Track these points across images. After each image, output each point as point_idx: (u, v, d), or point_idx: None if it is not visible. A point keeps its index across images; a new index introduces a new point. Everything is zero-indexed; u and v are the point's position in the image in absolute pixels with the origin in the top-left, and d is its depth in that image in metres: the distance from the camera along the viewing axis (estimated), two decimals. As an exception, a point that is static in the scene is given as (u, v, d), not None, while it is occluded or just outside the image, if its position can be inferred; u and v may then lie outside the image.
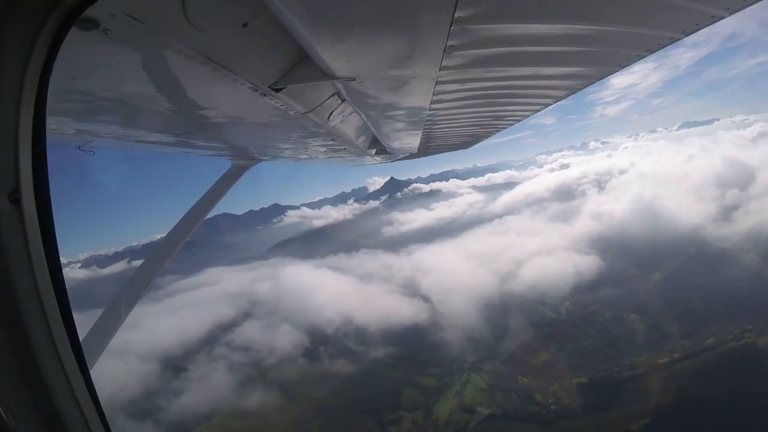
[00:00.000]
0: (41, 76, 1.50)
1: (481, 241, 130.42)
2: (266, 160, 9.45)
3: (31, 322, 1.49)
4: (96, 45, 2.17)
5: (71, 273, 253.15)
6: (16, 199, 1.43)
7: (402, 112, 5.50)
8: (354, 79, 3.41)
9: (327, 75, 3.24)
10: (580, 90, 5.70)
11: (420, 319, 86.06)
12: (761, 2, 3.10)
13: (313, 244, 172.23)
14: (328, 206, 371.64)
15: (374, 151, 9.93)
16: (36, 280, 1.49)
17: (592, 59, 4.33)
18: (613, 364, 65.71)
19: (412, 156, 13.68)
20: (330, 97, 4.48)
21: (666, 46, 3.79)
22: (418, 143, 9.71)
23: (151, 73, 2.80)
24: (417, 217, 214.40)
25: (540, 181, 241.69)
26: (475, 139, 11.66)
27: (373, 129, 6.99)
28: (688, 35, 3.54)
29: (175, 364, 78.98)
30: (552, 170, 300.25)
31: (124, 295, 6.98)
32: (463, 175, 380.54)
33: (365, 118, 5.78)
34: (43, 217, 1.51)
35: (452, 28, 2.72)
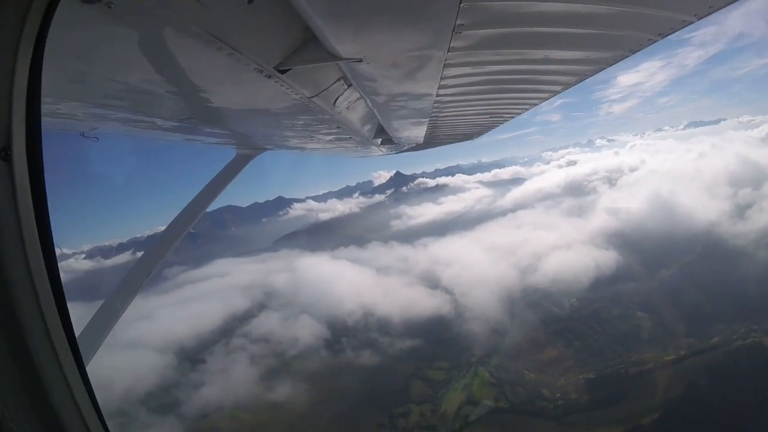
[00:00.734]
0: (39, 32, 1.45)
1: (497, 235, 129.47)
2: (271, 149, 9.36)
3: (17, 290, 1.43)
4: (98, 19, 2.12)
5: (75, 264, 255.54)
6: (6, 156, 1.39)
7: (409, 98, 5.43)
8: (360, 61, 3.35)
9: (333, 56, 3.18)
10: (590, 76, 5.61)
11: (441, 312, 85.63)
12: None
13: (322, 236, 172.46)
14: (333, 199, 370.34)
15: (380, 140, 9.85)
16: (24, 243, 1.43)
17: (604, 42, 4.23)
18: (619, 360, 65.59)
19: (417, 147, 13.54)
20: (336, 82, 4.43)
21: (678, 30, 3.70)
22: (425, 133, 9.62)
23: (155, 51, 2.75)
24: (425, 211, 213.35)
25: (549, 177, 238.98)
26: (483, 129, 11.51)
27: (379, 116, 6.93)
28: (701, 18, 3.43)
29: (192, 356, 79.34)
30: (560, 167, 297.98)
31: (123, 286, 7.00)
32: (468, 171, 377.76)
33: (371, 105, 5.72)
34: (34, 178, 1.46)
35: (462, 6, 2.66)
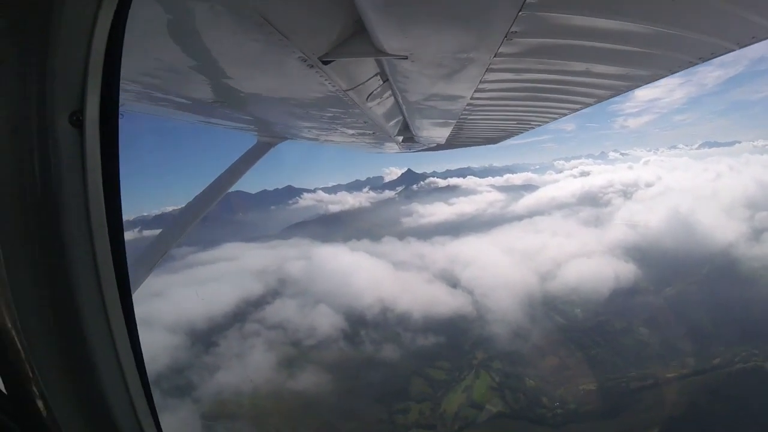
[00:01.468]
0: None
1: (515, 239, 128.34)
2: (289, 138, 9.38)
3: (77, 268, 1.31)
4: None
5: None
6: (78, 121, 1.27)
7: (442, 99, 5.37)
8: (406, 58, 3.30)
9: (379, 51, 3.14)
10: (625, 92, 5.55)
11: (462, 311, 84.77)
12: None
13: (333, 227, 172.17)
14: (343, 192, 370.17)
15: (401, 138, 9.79)
16: (89, 216, 1.31)
17: (644, 60, 4.17)
18: (620, 374, 65.42)
19: (436, 147, 13.44)
20: (373, 77, 4.39)
21: (718, 56, 3.68)
22: (448, 134, 9.54)
23: (199, 29, 2.71)
24: (437, 211, 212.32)
25: (564, 186, 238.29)
26: (507, 134, 11.39)
27: (406, 114, 6.88)
28: (742, 47, 3.45)
29: (204, 338, 78.68)
30: (573, 176, 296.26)
31: (137, 265, 6.98)
32: (480, 174, 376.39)
33: (402, 102, 5.68)
34: (106, 149, 1.34)
35: (520, 13, 2.61)
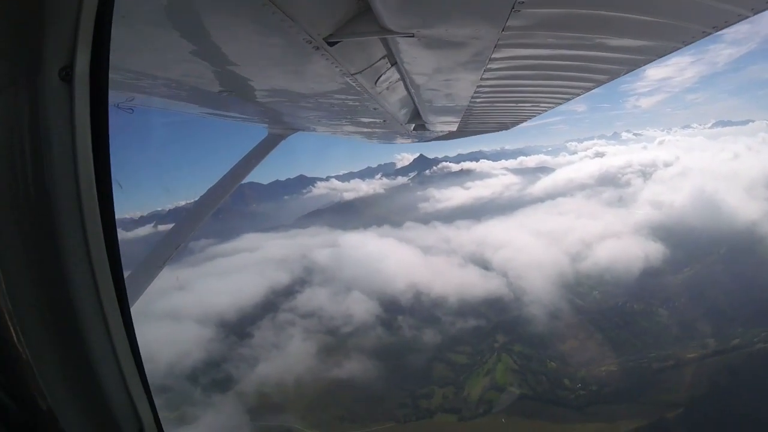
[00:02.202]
0: None
1: (539, 221, 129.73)
2: (300, 130, 9.43)
3: (67, 239, 1.26)
4: None
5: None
6: (67, 76, 1.22)
7: (452, 81, 5.28)
8: (413, 36, 3.24)
9: (385, 29, 3.09)
10: (640, 67, 5.38)
11: (497, 294, 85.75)
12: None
13: (350, 215, 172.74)
14: (356, 179, 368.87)
15: (412, 126, 9.70)
16: (78, 176, 1.25)
17: (659, 31, 4.03)
18: (640, 355, 65.53)
19: (448, 136, 13.31)
20: (380, 59, 4.33)
21: (732, 24, 3.58)
22: (460, 119, 9.41)
23: (203, 16, 2.67)
24: (453, 195, 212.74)
25: (580, 167, 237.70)
26: (520, 118, 11.19)
27: (416, 99, 6.79)
28: (756, 13, 3.35)
29: (238, 330, 79.74)
30: (588, 158, 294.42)
31: (150, 259, 7.05)
32: (493, 157, 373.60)
33: (411, 86, 5.59)
34: (96, 105, 1.28)
35: None
